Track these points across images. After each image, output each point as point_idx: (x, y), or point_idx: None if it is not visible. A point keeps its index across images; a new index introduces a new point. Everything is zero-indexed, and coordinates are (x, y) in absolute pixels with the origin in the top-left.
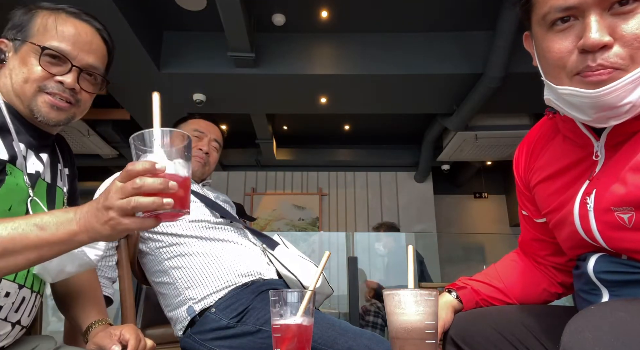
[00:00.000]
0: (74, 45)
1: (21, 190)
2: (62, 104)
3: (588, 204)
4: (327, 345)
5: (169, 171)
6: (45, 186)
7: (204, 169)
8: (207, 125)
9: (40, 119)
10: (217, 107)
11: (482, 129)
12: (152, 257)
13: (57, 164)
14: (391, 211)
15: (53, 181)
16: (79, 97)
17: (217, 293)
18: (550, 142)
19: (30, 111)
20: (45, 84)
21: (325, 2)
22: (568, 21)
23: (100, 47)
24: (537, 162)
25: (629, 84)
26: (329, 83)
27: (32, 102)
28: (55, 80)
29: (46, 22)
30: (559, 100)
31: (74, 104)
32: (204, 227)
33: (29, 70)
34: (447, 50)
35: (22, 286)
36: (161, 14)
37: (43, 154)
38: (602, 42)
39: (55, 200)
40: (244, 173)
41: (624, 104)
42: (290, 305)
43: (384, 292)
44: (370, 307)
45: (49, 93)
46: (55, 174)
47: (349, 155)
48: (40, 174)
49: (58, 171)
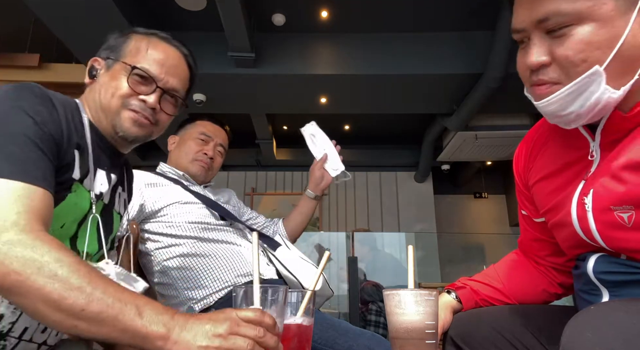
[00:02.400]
0: (162, 68)
1: (78, 210)
2: (143, 120)
3: (586, 204)
4: (327, 345)
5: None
6: (101, 206)
7: (207, 173)
8: (215, 129)
9: (122, 134)
10: (217, 107)
11: (482, 129)
12: (151, 257)
13: (118, 187)
14: (391, 211)
15: (111, 203)
16: (157, 118)
17: (217, 293)
18: (549, 142)
19: (113, 126)
20: (129, 100)
21: (325, 2)
22: (524, 41)
23: (185, 72)
24: (535, 161)
25: (566, 96)
26: (329, 83)
27: (116, 117)
28: (139, 99)
29: (139, 45)
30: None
31: (152, 123)
32: (204, 228)
33: (117, 86)
34: (447, 50)
35: None
36: (161, 14)
37: (113, 175)
38: (539, 63)
39: (113, 225)
40: (244, 173)
41: (568, 113)
42: (290, 305)
43: (384, 292)
44: (372, 306)
45: (132, 110)
46: (113, 197)
47: (349, 155)
48: (103, 195)
49: (117, 194)
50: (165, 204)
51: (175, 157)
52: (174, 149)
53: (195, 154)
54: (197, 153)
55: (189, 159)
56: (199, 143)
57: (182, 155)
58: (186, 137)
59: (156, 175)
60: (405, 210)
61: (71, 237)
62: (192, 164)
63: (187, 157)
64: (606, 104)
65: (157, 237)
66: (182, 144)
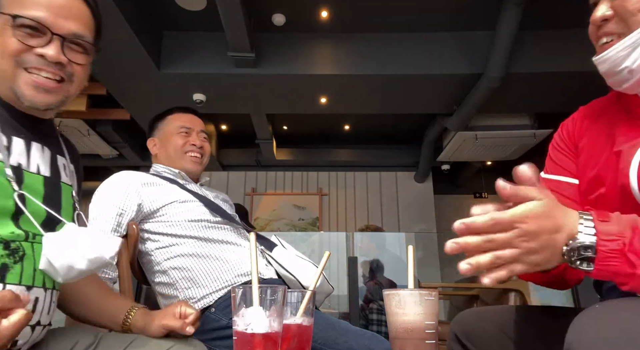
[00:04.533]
0: (49, 10)
1: (2, 186)
2: (50, 83)
3: None
4: (327, 345)
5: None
6: (41, 180)
7: (202, 164)
8: (191, 119)
9: (28, 104)
10: (217, 107)
11: (482, 129)
12: (151, 257)
13: (57, 156)
14: (391, 211)
15: (55, 176)
16: (70, 71)
17: (217, 293)
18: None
19: (14, 95)
20: (23, 58)
21: (325, 2)
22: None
23: (83, 11)
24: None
25: (621, 51)
26: (329, 83)
27: (14, 84)
28: (36, 54)
29: None
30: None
31: (65, 80)
32: (203, 227)
33: (3, 44)
34: (447, 50)
35: (32, 287)
36: (161, 14)
37: (36, 143)
38: (602, 16)
39: (62, 198)
40: (244, 173)
41: (622, 69)
42: (290, 305)
43: (384, 292)
44: (372, 305)
45: (31, 71)
46: (56, 168)
47: (349, 155)
48: (25, 166)
49: (62, 165)
50: (164, 204)
51: (164, 158)
52: (159, 150)
53: (183, 147)
54: (185, 145)
55: (179, 154)
56: (182, 136)
57: (171, 153)
58: (167, 136)
59: (152, 175)
60: (405, 210)
61: (12, 214)
62: (185, 159)
63: (177, 154)
64: None
65: (157, 237)
66: (165, 144)
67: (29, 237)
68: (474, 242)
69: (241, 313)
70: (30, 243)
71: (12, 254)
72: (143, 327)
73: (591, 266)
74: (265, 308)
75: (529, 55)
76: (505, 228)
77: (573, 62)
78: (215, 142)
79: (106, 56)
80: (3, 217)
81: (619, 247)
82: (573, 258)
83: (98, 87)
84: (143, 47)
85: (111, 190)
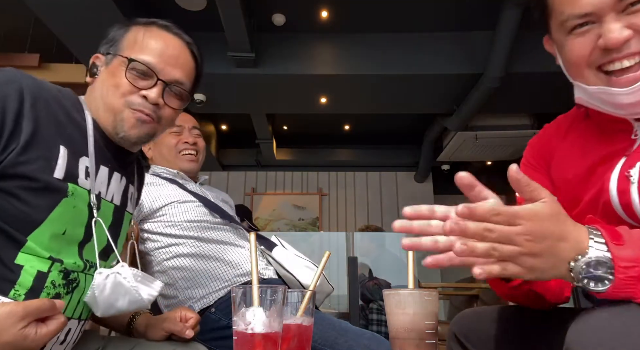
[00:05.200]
0: (160, 58)
1: (79, 213)
2: (145, 118)
3: (632, 177)
4: (327, 345)
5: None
6: (112, 208)
7: (198, 162)
8: (180, 117)
9: (122, 135)
10: (217, 107)
11: (482, 129)
12: (151, 257)
13: (129, 186)
14: (391, 211)
15: (123, 204)
16: (161, 114)
17: (217, 293)
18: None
19: (113, 127)
20: (131, 99)
21: (325, 2)
22: (586, 25)
23: (188, 61)
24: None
25: None
26: (329, 83)
27: (117, 117)
28: (140, 95)
29: (137, 36)
30: (592, 98)
31: (155, 120)
32: (203, 228)
33: (116, 84)
34: (447, 50)
35: (70, 318)
36: (161, 14)
37: (117, 173)
38: (623, 37)
39: (122, 225)
40: (244, 173)
41: None
42: (290, 305)
43: (384, 292)
44: (372, 305)
45: (134, 109)
46: (125, 197)
47: (349, 155)
48: (103, 194)
49: (130, 194)
50: (164, 204)
51: (160, 159)
52: (153, 153)
53: (176, 146)
54: (178, 144)
55: (173, 154)
56: (174, 136)
57: (166, 154)
58: (159, 139)
59: (151, 175)
60: None
61: (80, 242)
62: (181, 160)
63: (171, 154)
64: None
65: (157, 237)
66: (159, 146)
67: (86, 268)
68: (474, 228)
69: (241, 313)
70: (85, 274)
71: (68, 284)
72: (145, 330)
73: (600, 287)
74: (265, 308)
75: (529, 55)
76: (506, 222)
77: None
78: (215, 142)
79: None
80: (72, 244)
81: (637, 274)
82: (581, 276)
83: None
84: None
85: None
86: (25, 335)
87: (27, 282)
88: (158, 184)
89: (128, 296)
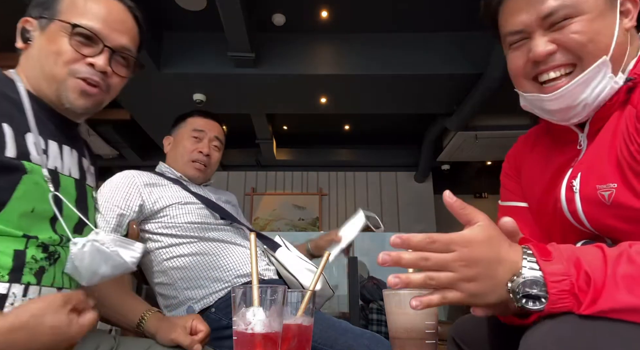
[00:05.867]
0: (105, 23)
1: (43, 190)
2: (92, 89)
3: (574, 186)
4: (327, 345)
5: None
6: (73, 182)
7: (206, 172)
8: (206, 123)
9: (68, 106)
10: (217, 107)
11: (482, 129)
12: (151, 257)
13: (82, 159)
14: (391, 211)
15: (82, 178)
16: (109, 82)
17: (217, 293)
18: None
19: (58, 97)
20: (76, 67)
21: (325, 2)
22: (521, 41)
23: (133, 26)
24: (529, 155)
25: (578, 86)
26: (329, 83)
27: (62, 87)
28: (86, 63)
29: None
30: (531, 105)
31: (103, 89)
32: (204, 228)
33: (58, 51)
34: (447, 50)
35: (61, 288)
36: (161, 14)
37: (66, 146)
38: (548, 51)
39: (87, 202)
40: (244, 173)
41: (578, 103)
42: (290, 305)
43: (384, 292)
44: (372, 305)
45: (80, 78)
46: (82, 170)
47: (349, 155)
48: (60, 169)
49: (86, 167)
50: (166, 205)
51: (172, 159)
52: (170, 150)
53: (190, 154)
54: (193, 153)
55: (185, 160)
56: (192, 142)
57: (178, 157)
58: (179, 137)
59: (155, 174)
60: (405, 210)
61: (51, 218)
62: (189, 167)
63: (182, 159)
64: (607, 93)
65: (157, 237)
66: (176, 145)
67: (63, 241)
68: (408, 258)
69: (241, 313)
70: (63, 248)
71: (49, 257)
72: (155, 331)
73: (537, 305)
74: (265, 308)
75: None
76: (443, 249)
77: None
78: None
79: None
80: (43, 220)
81: (568, 287)
82: (518, 296)
83: None
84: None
85: (113, 190)
86: (70, 319)
87: (6, 263)
88: (161, 184)
89: (110, 261)
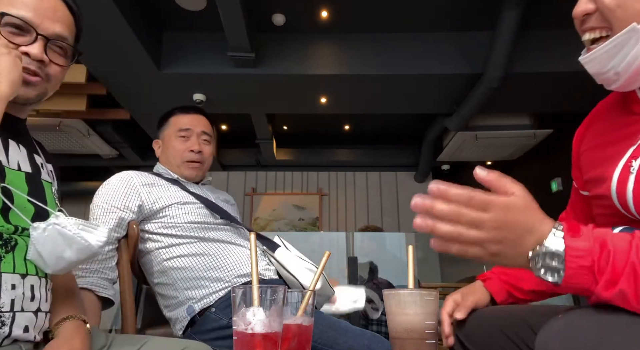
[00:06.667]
0: (36, 11)
1: None
2: (31, 77)
3: (632, 167)
4: (327, 345)
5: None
6: (23, 176)
7: (201, 169)
8: (191, 119)
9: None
10: (217, 107)
11: (482, 129)
12: (151, 257)
13: (34, 155)
14: (391, 211)
15: (36, 172)
16: (48, 71)
17: (217, 293)
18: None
19: None
20: None
21: (325, 2)
22: None
23: (66, 14)
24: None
25: (605, 53)
26: (329, 83)
27: None
28: (21, 52)
29: None
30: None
31: (43, 78)
32: (204, 228)
33: None
34: (447, 50)
35: (26, 275)
36: (161, 14)
37: (12, 141)
38: (581, 10)
39: (46, 195)
40: (244, 173)
41: (608, 70)
42: (290, 305)
43: (384, 292)
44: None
45: None
46: (36, 165)
47: (349, 155)
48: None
49: (40, 163)
50: (166, 205)
51: (165, 162)
52: (161, 153)
53: (182, 155)
54: (184, 153)
55: (178, 162)
56: (181, 141)
57: (170, 159)
58: (167, 139)
59: (153, 175)
60: (405, 210)
61: (1, 209)
62: (184, 167)
63: (175, 160)
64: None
65: (157, 237)
66: (166, 147)
67: (18, 231)
68: (442, 208)
69: (241, 313)
70: (19, 236)
71: (4, 244)
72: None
73: (555, 278)
74: (265, 308)
75: (529, 55)
76: (479, 208)
77: (573, 62)
78: (215, 142)
79: (106, 56)
80: None
81: (588, 264)
82: (538, 265)
83: (98, 87)
84: (143, 47)
85: (112, 191)
86: None
87: None
88: (159, 184)
89: (75, 245)
